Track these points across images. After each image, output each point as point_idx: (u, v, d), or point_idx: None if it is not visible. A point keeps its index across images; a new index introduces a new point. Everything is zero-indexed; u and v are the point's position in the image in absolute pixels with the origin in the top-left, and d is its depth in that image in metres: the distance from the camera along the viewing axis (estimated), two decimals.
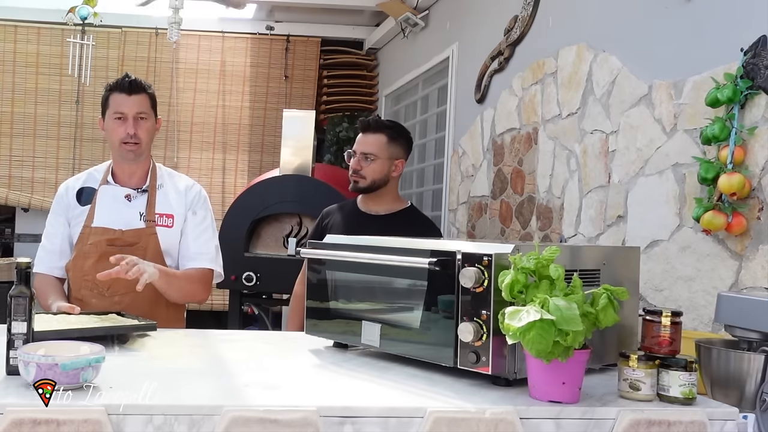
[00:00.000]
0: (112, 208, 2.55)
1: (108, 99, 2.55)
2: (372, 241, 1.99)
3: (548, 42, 3.22)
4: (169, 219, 2.57)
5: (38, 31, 5.89)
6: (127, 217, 2.54)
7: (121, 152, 2.53)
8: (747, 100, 2.07)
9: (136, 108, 2.51)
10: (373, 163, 2.86)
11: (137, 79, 2.54)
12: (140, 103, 2.52)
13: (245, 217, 4.63)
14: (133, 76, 2.56)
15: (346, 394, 1.58)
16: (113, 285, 2.47)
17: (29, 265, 1.61)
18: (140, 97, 2.53)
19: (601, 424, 1.49)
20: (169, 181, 2.64)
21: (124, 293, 2.49)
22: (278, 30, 6.09)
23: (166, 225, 2.56)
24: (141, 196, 2.57)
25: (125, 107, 2.50)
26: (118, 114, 2.51)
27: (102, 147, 5.89)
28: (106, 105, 2.56)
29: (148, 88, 2.57)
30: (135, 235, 2.52)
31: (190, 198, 2.62)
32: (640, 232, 2.51)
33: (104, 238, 2.50)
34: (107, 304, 2.47)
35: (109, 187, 2.58)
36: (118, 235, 2.51)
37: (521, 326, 1.44)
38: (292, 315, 3.11)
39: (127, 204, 2.56)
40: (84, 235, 2.54)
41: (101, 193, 2.57)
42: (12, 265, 4.94)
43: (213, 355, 1.96)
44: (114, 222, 2.52)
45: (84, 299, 2.51)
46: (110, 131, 2.54)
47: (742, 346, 1.69)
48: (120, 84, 2.53)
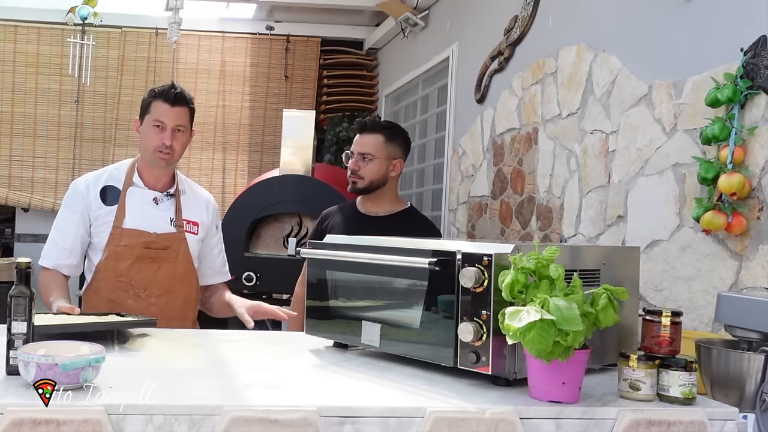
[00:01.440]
0: (143, 211, 2.55)
1: (150, 105, 2.53)
2: (372, 242, 1.99)
3: (548, 42, 3.22)
4: (195, 226, 2.61)
5: (38, 31, 5.89)
6: (157, 221, 2.55)
7: (153, 159, 2.53)
8: (747, 100, 2.07)
9: (176, 120, 2.51)
10: (370, 163, 2.86)
11: (183, 92, 2.54)
12: (181, 115, 2.52)
13: (245, 217, 4.64)
14: (179, 88, 2.55)
15: (346, 394, 1.58)
16: (150, 287, 2.52)
17: (29, 265, 1.61)
18: (182, 109, 2.53)
19: (601, 424, 1.49)
20: (189, 189, 2.68)
21: (159, 294, 2.53)
22: (278, 30, 6.09)
23: (192, 232, 2.60)
24: (168, 200, 2.59)
25: (165, 117, 2.50)
26: (158, 123, 2.50)
27: (102, 147, 5.90)
28: (146, 110, 2.55)
29: (190, 101, 2.57)
30: (168, 239, 2.55)
31: (211, 211, 2.70)
32: (640, 232, 2.51)
33: (141, 240, 2.51)
34: (143, 305, 2.49)
35: (136, 189, 2.57)
36: (153, 238, 2.52)
37: (521, 326, 1.44)
38: (292, 317, 3.11)
39: (155, 207, 2.57)
40: (115, 236, 2.52)
41: (129, 194, 2.56)
42: (12, 265, 4.93)
43: (213, 355, 1.96)
44: (146, 224, 2.53)
45: (118, 300, 2.51)
46: (146, 137, 2.53)
47: (742, 346, 1.69)
48: (165, 93, 2.52)
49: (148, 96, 2.57)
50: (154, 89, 2.58)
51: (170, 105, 2.51)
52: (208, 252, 2.70)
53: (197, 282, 2.64)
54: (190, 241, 2.58)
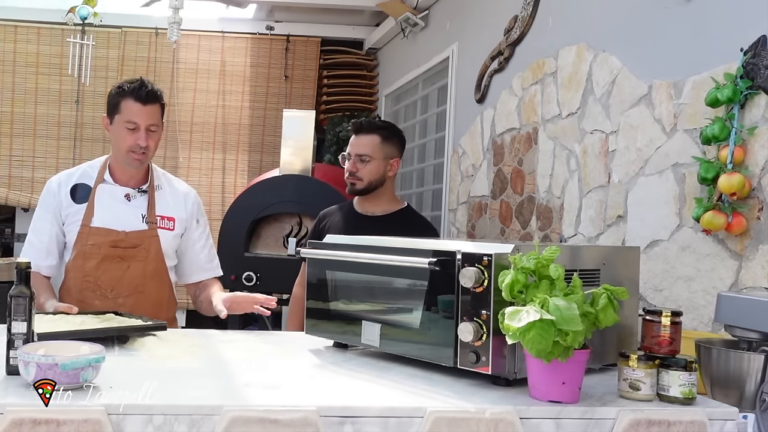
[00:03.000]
0: (112, 208, 2.50)
1: (119, 104, 2.45)
2: (372, 242, 1.99)
3: (548, 42, 3.22)
4: (170, 222, 2.55)
5: (38, 31, 5.89)
6: (128, 218, 2.50)
7: (127, 159, 2.48)
8: (747, 100, 2.07)
9: (149, 120, 2.44)
10: (368, 164, 2.87)
11: (153, 89, 2.46)
12: (153, 114, 2.46)
13: (245, 217, 4.64)
14: (149, 85, 2.46)
15: (346, 394, 1.58)
16: (117, 286, 2.47)
17: (29, 265, 1.61)
18: (154, 107, 2.46)
19: (601, 424, 1.49)
20: (165, 183, 2.61)
21: (128, 295, 2.49)
22: (278, 30, 6.09)
23: (167, 227, 2.54)
24: (140, 197, 2.53)
25: (138, 118, 2.43)
26: (131, 124, 2.43)
27: (102, 147, 5.88)
28: (116, 108, 2.46)
29: (161, 98, 2.50)
30: (138, 236, 2.49)
31: (190, 204, 2.61)
32: (640, 232, 2.51)
33: (108, 239, 2.46)
34: (111, 306, 2.45)
35: (107, 186, 2.53)
36: (121, 236, 2.47)
37: (521, 326, 1.44)
38: (291, 317, 3.12)
39: (127, 204, 2.52)
40: (83, 234, 2.48)
41: (99, 192, 2.52)
42: (12, 265, 4.93)
43: (213, 355, 1.96)
44: (115, 222, 2.48)
45: (86, 300, 2.47)
46: (119, 137, 2.46)
47: (742, 346, 1.69)
48: (136, 92, 2.43)
49: (117, 94, 2.46)
50: (123, 86, 2.47)
51: (142, 104, 2.42)
52: (190, 247, 2.63)
53: (170, 282, 2.59)
54: (164, 237, 2.52)
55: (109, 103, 2.50)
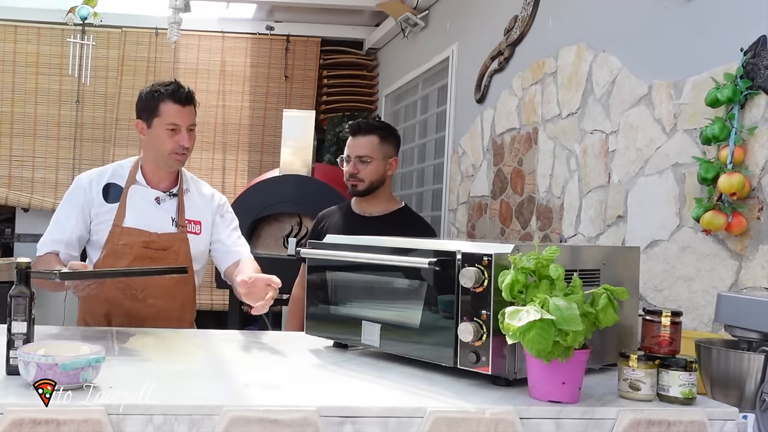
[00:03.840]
0: (144, 210, 2.51)
1: (159, 107, 2.46)
2: (372, 242, 1.99)
3: (548, 42, 3.22)
4: (197, 226, 2.56)
5: (38, 31, 5.89)
6: (159, 220, 2.51)
7: (169, 162, 2.49)
8: (747, 100, 2.07)
9: (189, 120, 2.47)
10: (369, 165, 2.89)
11: (191, 91, 2.49)
12: (192, 114, 2.49)
13: (245, 217, 4.62)
14: (186, 86, 2.49)
15: (346, 394, 1.58)
16: (147, 287, 2.47)
17: (29, 265, 1.61)
18: (191, 108, 2.49)
19: (601, 424, 1.49)
20: (193, 186, 2.63)
21: (158, 296, 2.49)
22: (278, 30, 6.09)
23: (194, 232, 2.55)
24: (170, 200, 2.54)
25: (180, 119, 2.45)
26: (173, 126, 2.45)
27: (102, 147, 5.89)
28: (155, 112, 2.47)
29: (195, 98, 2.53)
30: (169, 239, 2.50)
31: (215, 204, 2.63)
32: (640, 232, 2.51)
33: (140, 240, 2.46)
34: (141, 307, 2.46)
35: (138, 188, 2.53)
36: (153, 238, 2.48)
37: (521, 326, 1.44)
38: (291, 318, 3.12)
39: (157, 207, 2.52)
40: (114, 234, 2.47)
41: (131, 193, 2.52)
42: (12, 265, 4.94)
43: (213, 355, 1.96)
44: (146, 224, 2.49)
45: (115, 301, 2.47)
46: (159, 140, 2.46)
47: (742, 346, 1.69)
48: (176, 94, 2.45)
49: (154, 97, 2.48)
50: (159, 90, 2.48)
51: (182, 105, 2.46)
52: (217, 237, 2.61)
53: (195, 285, 2.60)
54: (193, 241, 2.53)
55: (145, 107, 2.50)
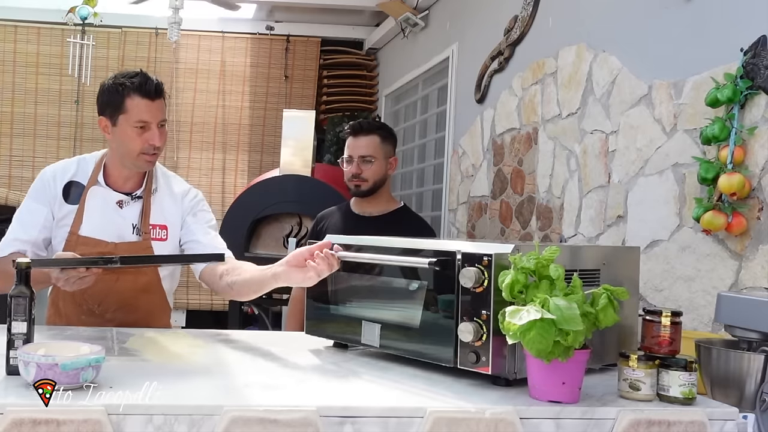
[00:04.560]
0: (103, 216, 2.27)
1: (124, 102, 2.19)
2: (372, 242, 1.99)
3: (548, 42, 3.22)
4: (163, 231, 2.32)
5: (38, 31, 5.89)
6: (118, 228, 2.27)
7: (138, 163, 2.25)
8: (747, 100, 2.07)
9: (160, 115, 2.22)
10: (372, 164, 2.92)
11: (160, 82, 2.23)
12: (162, 109, 2.23)
13: (245, 217, 4.64)
14: (153, 77, 2.23)
15: (346, 394, 1.58)
16: (104, 301, 2.26)
17: (29, 265, 1.60)
18: (161, 102, 2.23)
19: (601, 424, 1.49)
20: (164, 184, 2.38)
21: (115, 309, 2.29)
22: (278, 30, 6.09)
23: (160, 238, 2.30)
24: (134, 204, 2.30)
25: (149, 115, 2.19)
26: (141, 123, 2.19)
27: (102, 147, 5.82)
28: (120, 108, 2.20)
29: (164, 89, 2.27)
30: (129, 248, 2.25)
31: (186, 205, 2.37)
32: (640, 232, 2.51)
33: (95, 250, 2.20)
34: (98, 321, 2.25)
35: (99, 189, 2.29)
36: (110, 248, 2.23)
37: (521, 325, 1.44)
38: (290, 318, 3.12)
39: (118, 212, 2.29)
40: (70, 242, 2.23)
41: (90, 196, 2.28)
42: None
43: (213, 355, 1.96)
44: (104, 232, 2.25)
45: (71, 314, 2.27)
46: (127, 139, 2.21)
47: (742, 346, 1.69)
48: (143, 87, 2.18)
49: (119, 91, 2.19)
50: (124, 82, 2.19)
51: (150, 100, 2.19)
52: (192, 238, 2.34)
53: (163, 291, 2.36)
54: (157, 248, 2.28)
55: (108, 101, 2.23)
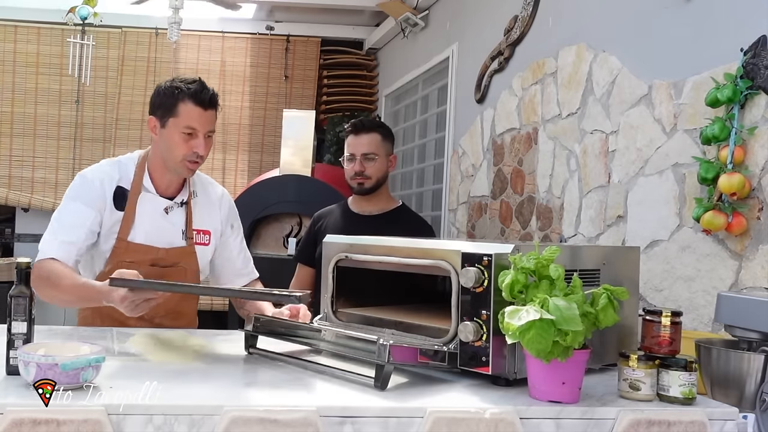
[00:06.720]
0: (153, 222, 2.28)
1: (177, 106, 2.20)
2: (372, 241, 2.00)
3: (548, 42, 3.22)
4: (206, 236, 2.36)
5: (38, 31, 5.89)
6: (168, 234, 2.30)
7: (179, 168, 2.25)
8: (747, 100, 2.07)
9: (209, 126, 2.23)
10: (375, 162, 2.94)
11: (216, 93, 2.24)
12: (213, 119, 2.25)
13: (245, 217, 4.58)
14: (210, 89, 2.24)
15: (346, 394, 1.58)
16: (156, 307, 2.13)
17: (29, 265, 1.61)
18: (213, 113, 2.25)
19: (601, 424, 1.49)
20: (201, 189, 2.40)
21: (164, 315, 2.33)
22: (278, 30, 6.09)
23: (203, 243, 2.35)
24: (179, 210, 2.33)
25: (198, 123, 2.20)
26: (189, 129, 2.20)
27: (102, 147, 5.89)
28: (171, 111, 2.21)
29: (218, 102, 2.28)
30: (178, 254, 2.29)
31: (225, 211, 2.43)
32: (640, 232, 2.51)
33: (148, 257, 2.24)
34: (147, 326, 2.28)
35: (148, 196, 2.29)
36: (161, 254, 2.27)
37: (521, 325, 1.44)
38: None
39: (166, 218, 2.30)
40: (119, 249, 2.24)
41: (140, 202, 2.28)
42: (12, 265, 4.93)
43: (213, 355, 1.96)
44: (155, 239, 2.27)
45: (119, 318, 2.18)
46: (173, 143, 2.22)
47: (742, 346, 1.69)
48: (199, 95, 2.20)
49: (174, 95, 2.21)
50: (180, 87, 2.22)
51: (203, 109, 2.21)
52: (227, 253, 2.43)
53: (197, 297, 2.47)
54: (201, 254, 2.34)
55: (162, 103, 2.24)
